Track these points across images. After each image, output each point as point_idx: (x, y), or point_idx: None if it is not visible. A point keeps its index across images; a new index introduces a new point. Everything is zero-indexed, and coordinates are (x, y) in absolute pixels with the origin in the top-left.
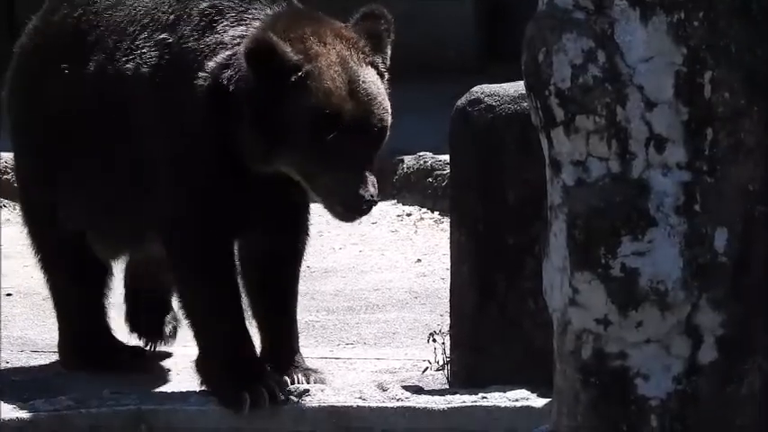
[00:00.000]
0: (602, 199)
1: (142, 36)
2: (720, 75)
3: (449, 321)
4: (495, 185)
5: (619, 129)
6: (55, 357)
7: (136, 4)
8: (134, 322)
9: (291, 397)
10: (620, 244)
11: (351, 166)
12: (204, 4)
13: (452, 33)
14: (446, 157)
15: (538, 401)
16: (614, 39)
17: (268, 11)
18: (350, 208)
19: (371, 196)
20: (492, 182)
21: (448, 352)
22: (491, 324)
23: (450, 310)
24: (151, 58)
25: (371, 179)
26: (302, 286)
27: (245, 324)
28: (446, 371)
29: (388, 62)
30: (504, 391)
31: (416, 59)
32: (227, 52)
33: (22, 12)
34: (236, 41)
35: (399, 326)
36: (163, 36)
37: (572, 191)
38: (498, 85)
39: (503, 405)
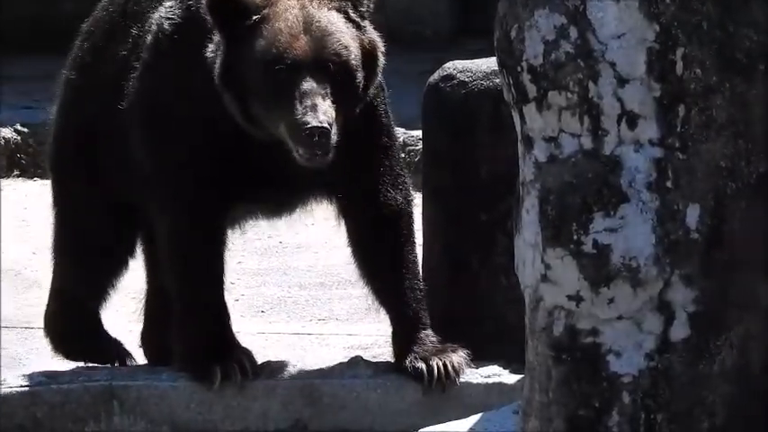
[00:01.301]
0: (575, 175)
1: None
2: (692, 51)
3: None
4: (468, 161)
5: (591, 105)
6: (27, 333)
7: None
8: (147, 342)
9: (262, 372)
10: (592, 220)
11: (300, 102)
12: None
13: (425, 8)
14: (418, 133)
15: (510, 378)
16: (586, 15)
17: None
18: (300, 141)
19: (320, 122)
20: (464, 158)
21: None
22: (463, 300)
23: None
24: (174, 15)
25: (323, 108)
26: (274, 261)
27: (222, 297)
28: None
29: (366, 11)
30: (477, 368)
31: (389, 34)
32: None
33: None
34: None
35: (372, 303)
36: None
37: (544, 167)
38: (471, 60)
39: (475, 381)
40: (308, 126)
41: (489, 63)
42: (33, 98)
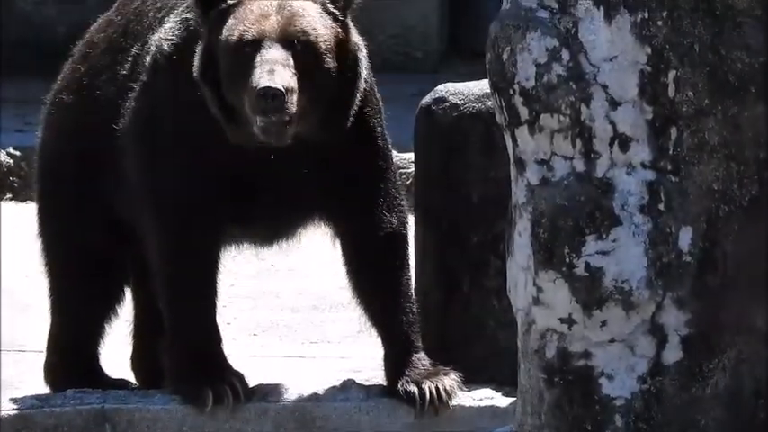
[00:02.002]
0: (567, 198)
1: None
2: (684, 74)
3: None
4: (460, 184)
5: (583, 128)
6: (20, 356)
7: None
8: (138, 365)
9: (254, 395)
10: (584, 243)
11: (260, 69)
12: None
13: (417, 31)
14: (411, 156)
15: (502, 401)
16: (578, 38)
17: None
18: (256, 108)
19: (273, 83)
20: (456, 180)
21: None
22: (455, 323)
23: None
24: (174, 36)
25: (281, 73)
26: (266, 284)
27: (214, 320)
28: None
29: (344, 6)
30: (469, 391)
31: (381, 57)
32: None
33: None
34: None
35: (364, 325)
36: (187, 15)
37: (536, 190)
38: (463, 83)
39: (467, 404)
40: (262, 86)
41: (481, 86)
42: (26, 121)
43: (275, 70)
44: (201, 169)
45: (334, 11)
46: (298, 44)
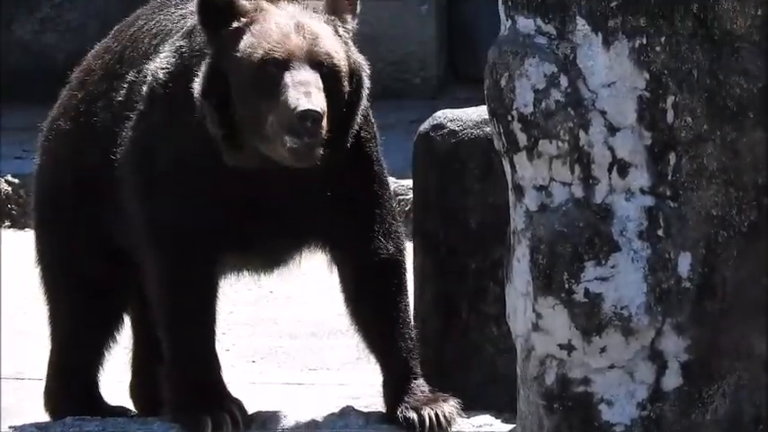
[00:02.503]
0: (566, 224)
1: (168, 42)
2: (683, 100)
3: None
4: (458, 210)
5: (582, 153)
6: (18, 384)
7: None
8: (137, 393)
9: (253, 422)
10: (583, 269)
11: (295, 89)
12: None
13: (415, 57)
14: (409, 182)
15: (502, 427)
16: (577, 63)
17: None
18: (291, 129)
19: (314, 106)
20: (454, 206)
21: None
22: (454, 349)
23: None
24: (168, 64)
25: (318, 96)
26: (265, 311)
27: (213, 347)
28: None
29: (351, 31)
30: (468, 417)
31: (379, 83)
32: (168, 60)
33: None
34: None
35: (363, 351)
36: (182, 43)
37: (535, 216)
38: (461, 109)
39: (466, 431)
40: (303, 108)
41: (479, 112)
42: (24, 148)
43: (311, 93)
44: (199, 197)
45: (344, 32)
46: (324, 66)
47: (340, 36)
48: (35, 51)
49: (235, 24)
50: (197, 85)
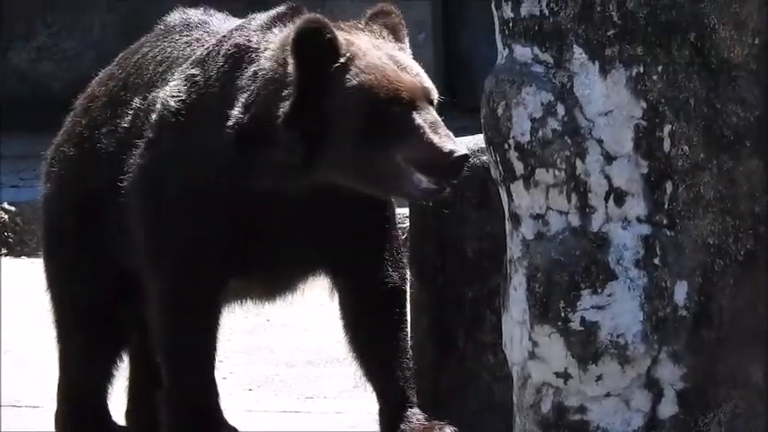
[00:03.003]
0: (562, 252)
1: (178, 70)
2: (679, 128)
3: None
4: (455, 238)
5: (578, 182)
6: (15, 412)
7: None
8: (133, 419)
9: None
10: (579, 297)
11: (435, 132)
12: (228, 45)
13: None
14: (405, 210)
15: None
16: (573, 92)
17: (270, 34)
18: (434, 170)
19: (466, 151)
20: (451, 234)
21: None
22: (450, 377)
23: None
24: (179, 92)
25: (452, 136)
26: (262, 339)
27: (212, 375)
28: None
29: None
30: None
31: None
32: (248, 92)
33: None
34: (250, 81)
35: (359, 379)
36: (193, 72)
37: (532, 244)
38: (458, 138)
39: None
40: (459, 154)
41: (476, 140)
42: (21, 177)
43: (450, 135)
44: (212, 226)
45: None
46: (434, 103)
47: None
48: (31, 80)
49: (335, 64)
50: (281, 114)
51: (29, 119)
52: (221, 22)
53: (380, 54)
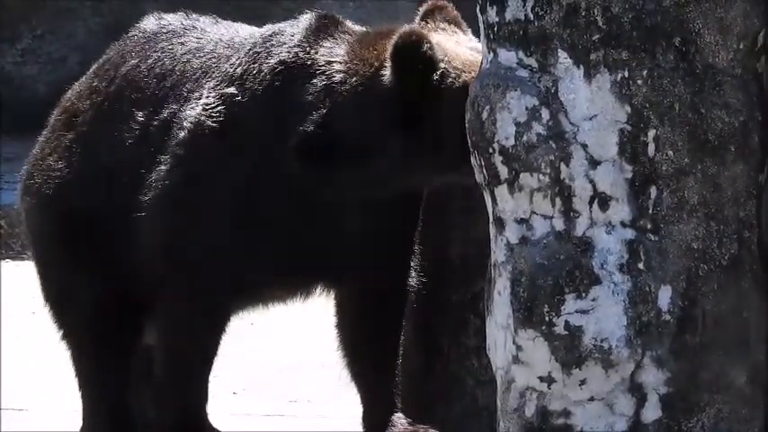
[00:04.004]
0: (546, 257)
1: (207, 87)
2: (664, 133)
3: None
4: (439, 243)
5: (563, 187)
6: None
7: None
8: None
9: None
10: (563, 302)
11: None
12: (272, 62)
13: None
14: None
15: None
16: (558, 97)
17: (337, 49)
18: None
19: None
20: (435, 239)
21: None
22: (434, 381)
23: None
24: (218, 112)
25: None
26: (248, 342)
27: (207, 380)
28: None
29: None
30: None
31: None
32: (321, 109)
33: None
34: (322, 96)
35: (346, 383)
36: (231, 91)
37: (516, 248)
38: None
39: None
40: None
41: None
42: (5, 180)
43: None
44: (252, 239)
45: None
46: None
47: None
48: (16, 82)
49: (435, 76)
50: (388, 125)
51: (13, 121)
52: (216, 28)
53: (467, 50)
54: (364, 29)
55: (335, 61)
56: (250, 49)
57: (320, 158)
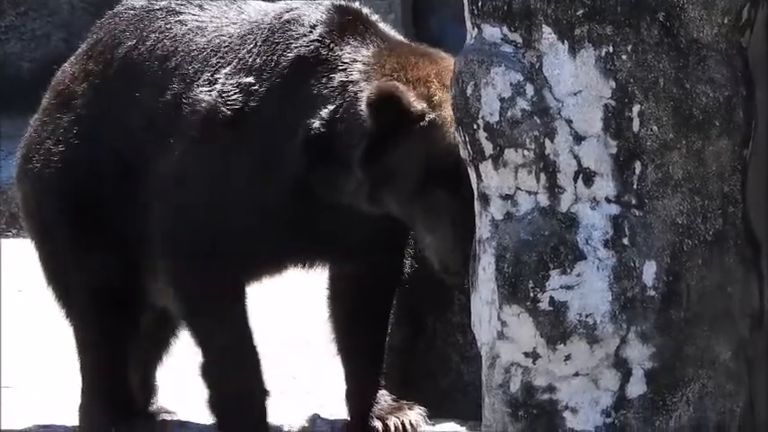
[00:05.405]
0: (531, 233)
1: (223, 72)
2: (649, 108)
3: None
4: None
5: (547, 162)
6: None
7: (215, 38)
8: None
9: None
10: (548, 277)
11: (454, 227)
12: (291, 55)
13: None
14: None
15: None
16: (543, 72)
17: (364, 50)
18: (446, 269)
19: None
20: None
21: None
22: (420, 357)
23: None
24: (234, 100)
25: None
26: None
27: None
28: None
29: None
30: (433, 425)
31: None
32: (330, 106)
33: None
34: (336, 92)
35: (331, 360)
36: (249, 80)
37: (501, 224)
38: None
39: None
40: (460, 260)
41: None
42: None
43: (467, 236)
44: (265, 220)
45: None
46: None
47: None
48: None
49: (415, 127)
50: (356, 158)
51: None
52: (213, 4)
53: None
54: (396, 35)
55: (359, 61)
56: (267, 38)
57: (316, 155)
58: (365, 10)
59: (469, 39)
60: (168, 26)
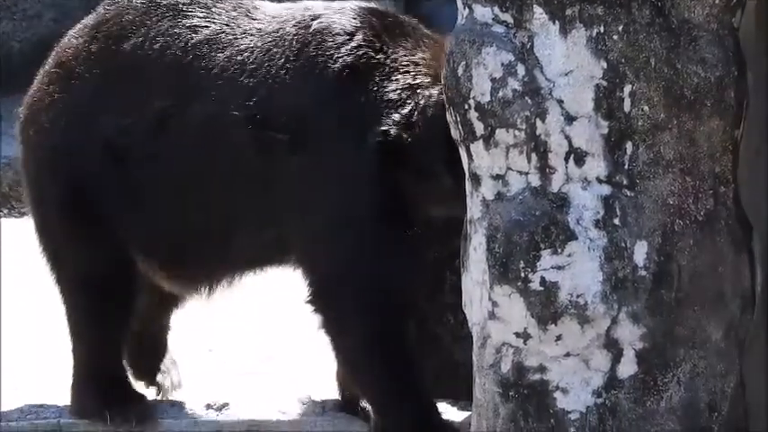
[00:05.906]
0: (522, 213)
1: (259, 95)
2: (640, 88)
3: None
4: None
5: (538, 142)
6: None
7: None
8: (134, 364)
9: (211, 410)
10: (539, 258)
11: None
12: (337, 66)
13: None
14: None
15: (457, 415)
16: (534, 52)
17: (420, 53)
18: None
19: None
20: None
21: None
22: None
23: None
24: (284, 126)
25: None
26: (221, 301)
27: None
28: None
29: None
30: None
31: None
32: (402, 110)
33: None
34: (405, 95)
35: (321, 340)
36: (295, 101)
37: (491, 204)
38: None
39: None
40: None
41: None
42: None
43: None
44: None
45: None
46: None
47: None
48: None
49: None
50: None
51: None
52: (219, 5)
53: None
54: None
55: (421, 64)
56: (300, 52)
57: (394, 158)
58: (397, 14)
59: (461, 19)
60: (177, 31)
